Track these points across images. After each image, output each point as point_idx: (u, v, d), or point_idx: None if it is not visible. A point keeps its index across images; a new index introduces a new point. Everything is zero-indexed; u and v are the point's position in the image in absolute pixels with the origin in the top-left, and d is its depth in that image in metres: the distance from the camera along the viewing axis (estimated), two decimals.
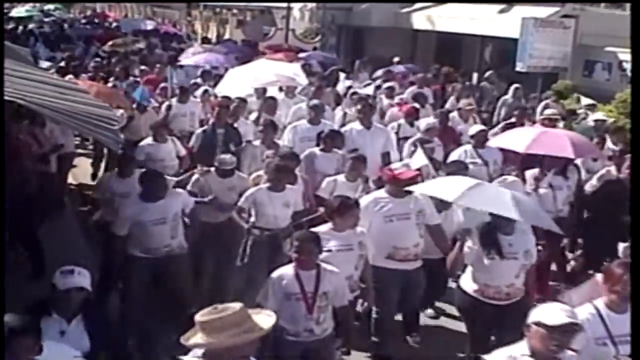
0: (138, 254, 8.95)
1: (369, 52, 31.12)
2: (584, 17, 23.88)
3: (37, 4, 53.68)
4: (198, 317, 4.73)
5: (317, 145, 11.69)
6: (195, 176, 10.36)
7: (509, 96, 19.39)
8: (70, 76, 17.92)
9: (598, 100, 18.68)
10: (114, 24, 46.28)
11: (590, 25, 23.53)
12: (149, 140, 12.34)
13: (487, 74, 22.06)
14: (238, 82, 15.06)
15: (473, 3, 27.66)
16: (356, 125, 12.43)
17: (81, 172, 16.51)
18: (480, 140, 12.08)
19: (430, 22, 29.61)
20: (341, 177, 10.19)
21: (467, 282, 7.87)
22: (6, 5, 44.59)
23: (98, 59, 25.06)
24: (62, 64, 22.79)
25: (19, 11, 43.64)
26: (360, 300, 8.71)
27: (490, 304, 7.70)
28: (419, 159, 10.21)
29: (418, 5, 31.20)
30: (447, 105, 18.20)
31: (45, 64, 22.14)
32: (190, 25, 49.42)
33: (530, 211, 7.73)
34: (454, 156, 11.97)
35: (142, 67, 22.12)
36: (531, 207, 8.12)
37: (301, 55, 26.08)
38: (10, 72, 7.88)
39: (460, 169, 9.99)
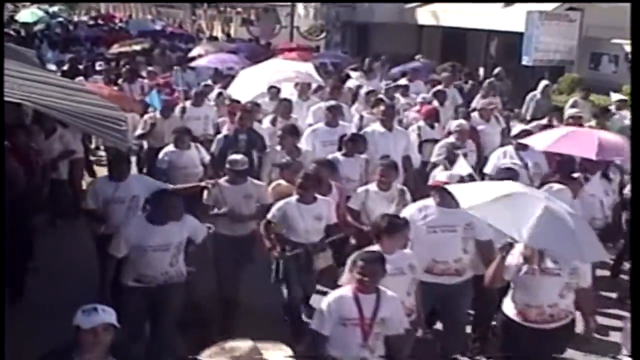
0: (131, 282, 8.05)
1: (374, 48, 31.13)
2: (590, 10, 23.78)
3: (41, 6, 53.47)
4: (204, 358, 4.42)
5: (339, 149, 11.25)
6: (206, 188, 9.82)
7: (537, 92, 18.88)
8: (80, 78, 17.79)
9: (605, 93, 18.52)
10: (119, 25, 45.87)
11: (595, 17, 23.45)
12: (170, 147, 11.71)
13: (496, 70, 21.69)
14: (251, 83, 14.60)
15: None
16: (377, 127, 11.97)
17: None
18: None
19: (435, 17, 29.57)
20: (373, 187, 9.55)
21: (508, 305, 7.32)
22: (11, 8, 44.57)
23: (103, 62, 24.43)
24: (66, 67, 22.45)
25: (24, 16, 43.15)
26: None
27: (532, 328, 7.10)
28: (462, 168, 9.42)
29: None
30: (474, 104, 17.43)
31: (52, 67, 21.85)
32: (196, 24, 49.36)
33: (592, 244, 7.00)
34: (492, 158, 11.59)
35: (150, 69, 21.52)
36: (592, 237, 7.26)
37: (314, 54, 25.67)
38: (16, 74, 7.89)
39: (510, 177, 9.00)
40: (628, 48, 22.01)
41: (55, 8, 58.96)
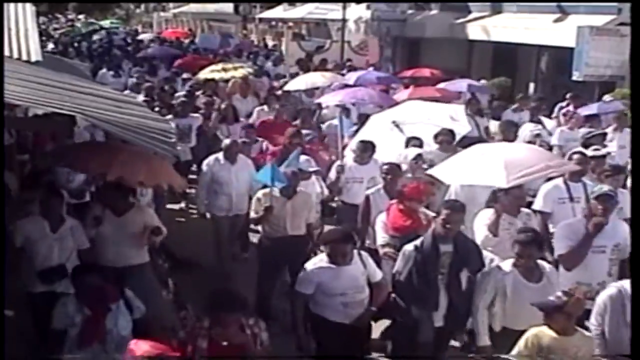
0: None
1: (424, 63, 31.14)
2: None
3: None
4: None
5: None
6: None
7: None
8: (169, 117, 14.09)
9: None
10: (186, 42, 41.73)
11: None
12: (322, 259, 7.60)
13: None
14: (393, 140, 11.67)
15: (528, 13, 27.54)
16: None
17: None
18: None
19: (485, 32, 29.51)
20: None
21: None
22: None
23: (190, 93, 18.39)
24: (142, 96, 17.30)
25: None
26: None
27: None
28: None
29: (473, 15, 31.17)
30: None
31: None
32: (247, 39, 49.70)
33: None
34: None
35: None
36: None
37: (447, 85, 20.28)
38: (68, 87, 8.09)
39: None
40: None
41: (107, 22, 59.39)
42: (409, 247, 7.64)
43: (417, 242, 7.64)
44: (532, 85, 27.30)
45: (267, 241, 9.88)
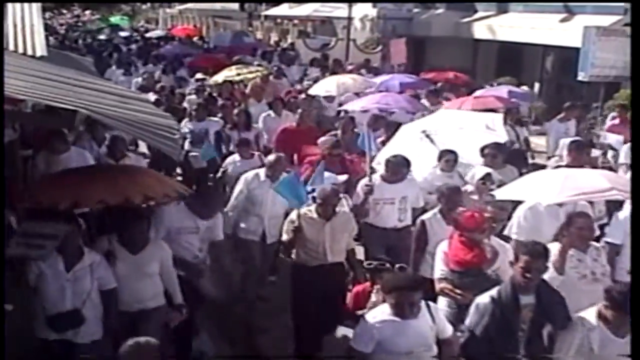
0: None
1: (429, 62, 31.14)
2: None
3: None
4: None
5: None
6: None
7: None
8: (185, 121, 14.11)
9: None
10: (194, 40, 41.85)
11: None
12: (384, 310, 6.49)
13: None
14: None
15: (534, 13, 27.50)
16: None
17: None
18: None
19: (491, 31, 29.49)
20: None
21: None
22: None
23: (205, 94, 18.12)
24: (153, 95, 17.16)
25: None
26: None
27: None
28: None
29: (479, 15, 31.14)
30: None
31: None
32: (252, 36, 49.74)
33: None
34: None
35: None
36: None
37: (484, 93, 18.93)
38: (72, 82, 8.08)
39: None
40: None
41: (117, 18, 59.38)
42: (483, 300, 6.42)
43: (494, 292, 6.43)
44: (537, 85, 27.26)
45: (302, 270, 8.47)
